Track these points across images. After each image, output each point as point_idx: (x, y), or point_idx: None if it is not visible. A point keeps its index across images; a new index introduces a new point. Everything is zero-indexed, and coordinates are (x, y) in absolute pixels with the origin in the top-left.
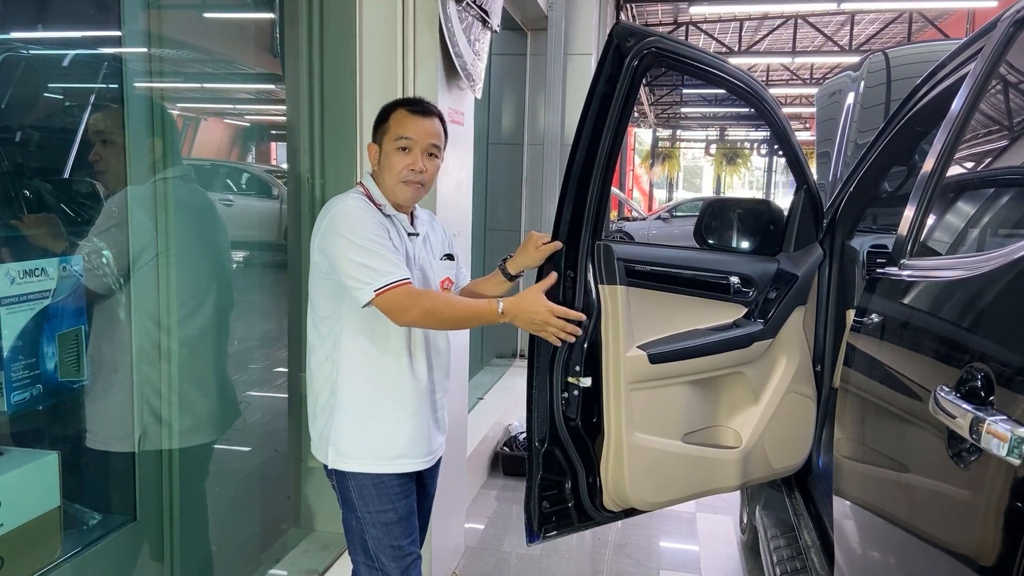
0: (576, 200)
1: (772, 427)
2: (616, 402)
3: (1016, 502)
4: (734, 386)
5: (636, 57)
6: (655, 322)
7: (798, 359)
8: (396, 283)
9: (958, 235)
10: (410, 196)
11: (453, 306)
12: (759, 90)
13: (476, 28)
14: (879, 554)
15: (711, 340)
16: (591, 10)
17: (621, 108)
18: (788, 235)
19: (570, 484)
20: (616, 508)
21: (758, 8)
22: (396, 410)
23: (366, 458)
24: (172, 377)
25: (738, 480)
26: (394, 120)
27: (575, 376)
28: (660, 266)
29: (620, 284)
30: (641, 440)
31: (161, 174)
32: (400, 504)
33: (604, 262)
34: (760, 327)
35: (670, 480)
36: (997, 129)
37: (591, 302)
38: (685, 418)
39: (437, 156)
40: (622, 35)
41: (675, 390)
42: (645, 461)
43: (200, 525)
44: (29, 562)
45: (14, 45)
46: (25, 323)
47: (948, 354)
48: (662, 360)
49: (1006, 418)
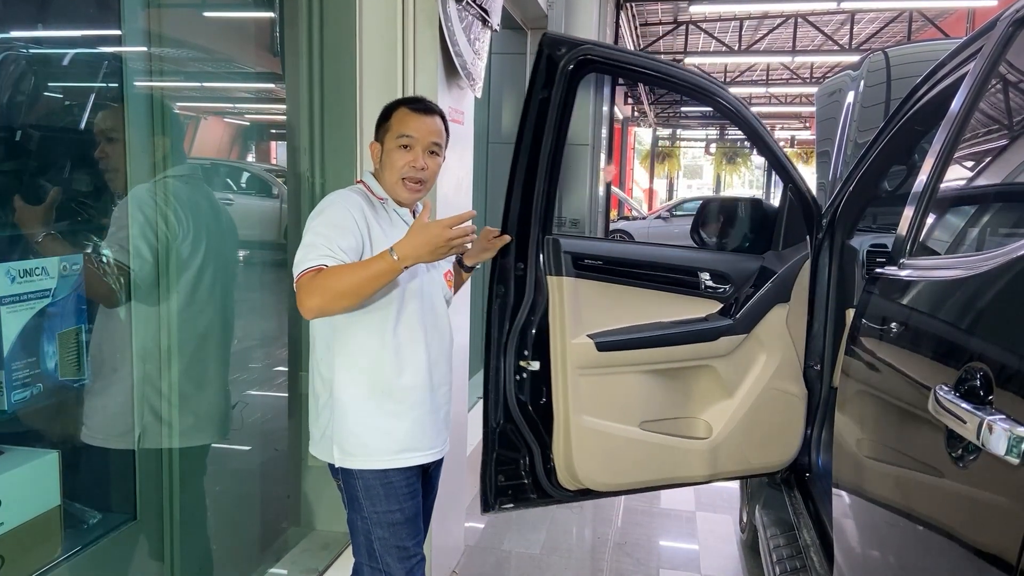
0: (523, 198)
1: (749, 422)
2: (563, 386)
3: (1015, 501)
4: (703, 379)
5: (570, 63)
6: (613, 313)
7: (780, 356)
8: (312, 268)
9: (957, 235)
10: (411, 193)
11: (350, 274)
12: (714, 89)
13: (476, 27)
14: (878, 553)
15: (668, 332)
16: (591, 9)
17: (559, 112)
18: (776, 233)
19: (527, 461)
20: (571, 487)
21: (758, 7)
22: (394, 404)
23: (370, 454)
24: (172, 376)
25: (707, 471)
26: (396, 118)
27: (525, 360)
28: (612, 260)
29: (566, 275)
30: (590, 423)
31: (162, 173)
32: (407, 505)
33: (552, 255)
34: (729, 322)
35: (625, 464)
36: (996, 128)
37: (542, 292)
38: (644, 406)
39: (438, 154)
40: (552, 45)
41: (630, 378)
42: (594, 443)
43: (200, 524)
44: (29, 561)
45: (14, 44)
46: (25, 322)
47: (947, 353)
48: (610, 348)
49: (1005, 417)
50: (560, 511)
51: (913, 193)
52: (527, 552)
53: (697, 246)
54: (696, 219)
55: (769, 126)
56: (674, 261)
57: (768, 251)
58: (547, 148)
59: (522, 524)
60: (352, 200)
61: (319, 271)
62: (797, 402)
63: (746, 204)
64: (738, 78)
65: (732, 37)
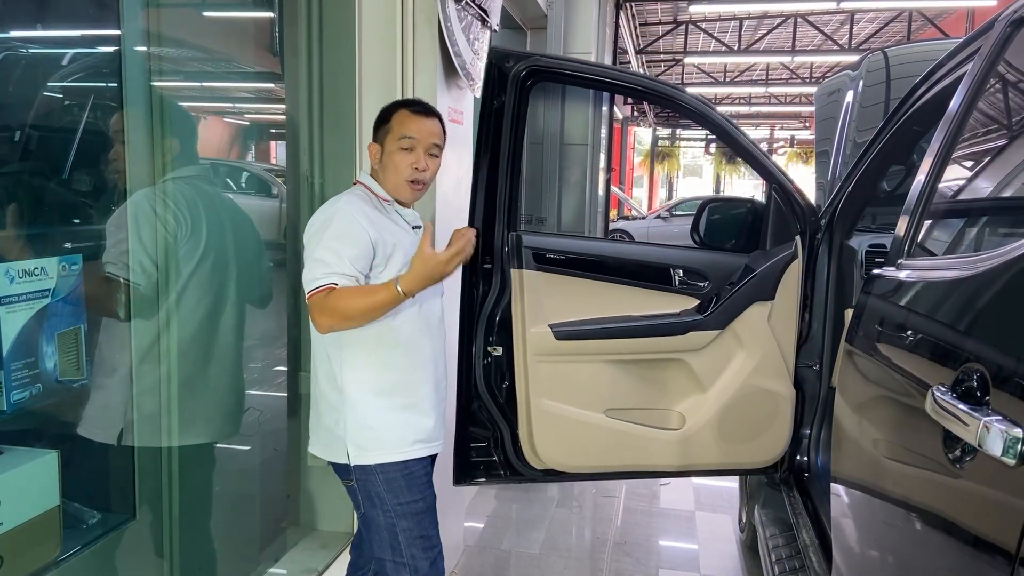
0: (487, 198)
1: (726, 418)
2: (524, 371)
3: (1012, 501)
4: (676, 373)
5: (519, 73)
6: (578, 306)
7: (760, 354)
8: (323, 287)
9: (955, 235)
10: (413, 194)
11: (358, 301)
12: (672, 93)
13: (475, 27)
14: (877, 553)
15: (631, 324)
16: (591, 9)
17: (514, 119)
18: (764, 233)
19: (498, 439)
20: (537, 465)
21: (758, 7)
22: (406, 398)
23: (387, 447)
24: (172, 375)
25: (678, 461)
26: (396, 120)
27: (491, 346)
28: (573, 256)
29: (526, 268)
30: (550, 407)
31: (171, 174)
32: (427, 493)
33: (515, 250)
34: (699, 317)
35: (589, 448)
36: (995, 129)
37: (507, 284)
38: (610, 394)
39: (437, 156)
40: (500, 58)
41: (593, 367)
42: (554, 426)
43: (200, 524)
44: (28, 561)
45: (13, 44)
46: (24, 322)
47: (944, 354)
48: (568, 337)
49: (1002, 418)
50: (560, 511)
51: (911, 193)
52: (526, 552)
53: (697, 246)
54: (695, 220)
55: (769, 126)
56: (644, 258)
57: (756, 250)
58: (506, 150)
59: (521, 524)
60: (355, 207)
61: (330, 291)
62: (782, 401)
63: (741, 204)
64: (737, 78)
65: (732, 37)
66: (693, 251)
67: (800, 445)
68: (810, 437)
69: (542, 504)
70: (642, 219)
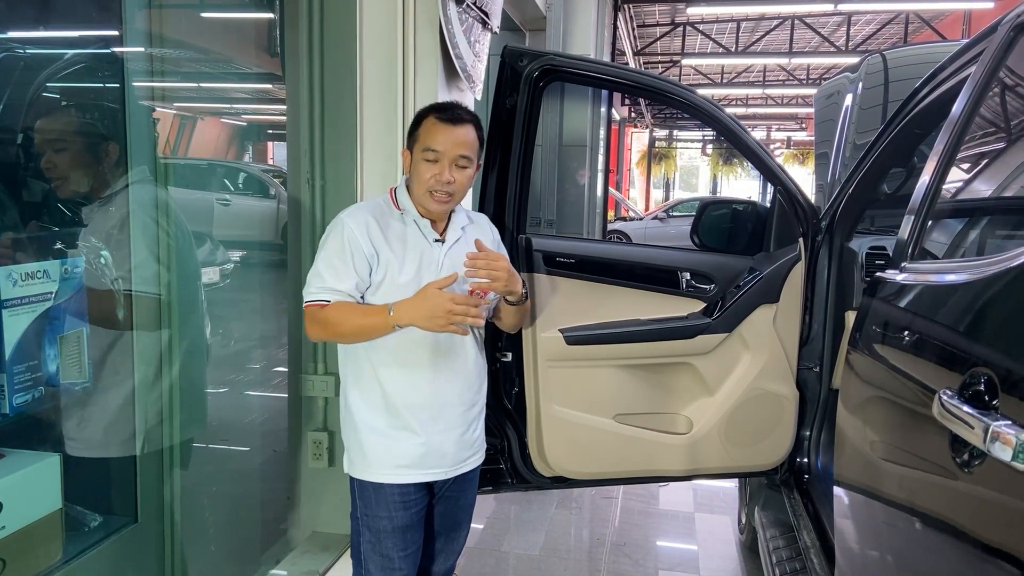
0: (496, 201)
1: (732, 421)
2: (534, 376)
3: (1021, 507)
4: (684, 376)
5: (533, 72)
6: (588, 310)
7: (766, 356)
8: (316, 303)
9: (960, 239)
10: (440, 205)
11: (349, 319)
12: (685, 94)
13: (476, 29)
14: (880, 556)
15: (641, 328)
16: (589, 11)
17: (525, 120)
18: (768, 235)
19: (505, 447)
20: (546, 473)
21: (755, 9)
22: (401, 421)
23: (369, 466)
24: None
25: (685, 466)
26: (424, 129)
27: (500, 352)
28: (585, 259)
29: (537, 272)
30: (560, 412)
31: (124, 178)
32: (397, 515)
33: (524, 253)
34: (708, 320)
35: (598, 454)
36: (999, 131)
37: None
38: (619, 399)
39: (468, 166)
40: (513, 57)
41: (604, 372)
42: (565, 432)
43: (201, 526)
44: (30, 564)
45: (12, 45)
46: (27, 325)
47: (951, 358)
48: (579, 342)
49: (1011, 423)
50: (559, 512)
51: (915, 196)
52: (526, 553)
53: (697, 247)
54: (694, 222)
55: (766, 127)
56: (653, 261)
57: (760, 253)
58: (517, 151)
59: (521, 525)
60: (358, 219)
61: (323, 306)
62: (786, 403)
63: (741, 206)
64: (735, 79)
65: (729, 39)
66: (699, 253)
67: (801, 447)
68: (810, 439)
69: (541, 506)
70: (639, 220)
